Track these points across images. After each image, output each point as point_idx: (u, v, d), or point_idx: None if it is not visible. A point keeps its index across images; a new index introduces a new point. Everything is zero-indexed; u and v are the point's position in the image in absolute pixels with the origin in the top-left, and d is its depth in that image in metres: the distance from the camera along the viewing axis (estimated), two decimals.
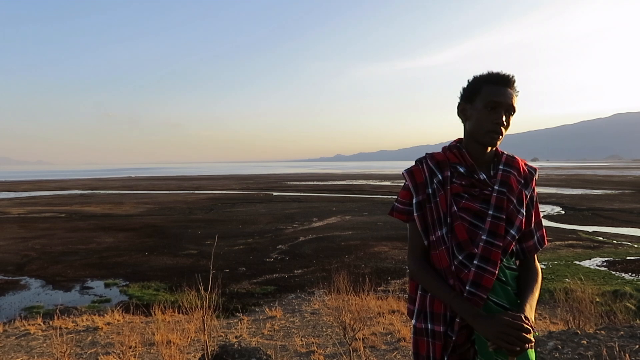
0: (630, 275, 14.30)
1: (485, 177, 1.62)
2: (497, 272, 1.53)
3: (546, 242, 1.74)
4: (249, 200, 42.41)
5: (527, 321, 1.41)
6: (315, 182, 73.59)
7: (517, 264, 1.69)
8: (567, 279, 13.47)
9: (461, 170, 1.63)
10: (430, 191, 1.64)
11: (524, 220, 1.61)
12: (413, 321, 1.68)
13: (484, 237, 1.55)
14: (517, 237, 1.60)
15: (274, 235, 22.19)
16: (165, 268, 15.97)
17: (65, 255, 18.24)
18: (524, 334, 1.37)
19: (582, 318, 6.65)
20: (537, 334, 1.43)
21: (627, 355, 3.89)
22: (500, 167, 1.65)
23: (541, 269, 1.70)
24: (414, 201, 1.66)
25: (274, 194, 50.97)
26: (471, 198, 1.60)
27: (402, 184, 1.73)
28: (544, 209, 33.26)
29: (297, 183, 72.29)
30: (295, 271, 15.40)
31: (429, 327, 1.61)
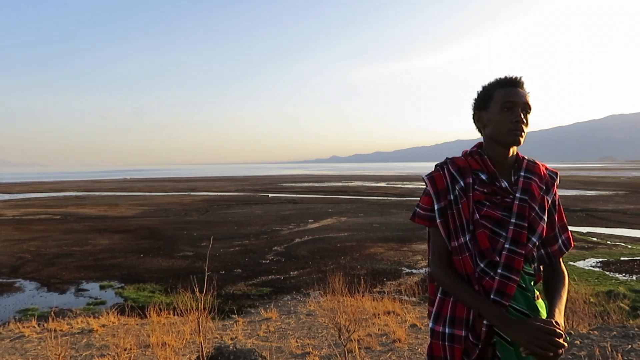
0: (624, 276, 14.38)
1: (506, 184, 1.63)
2: (518, 279, 1.55)
3: (572, 244, 1.75)
4: (244, 202, 42.36)
5: (558, 326, 1.42)
6: (311, 184, 73.55)
7: (538, 268, 1.69)
8: None
9: (483, 177, 1.64)
10: (452, 197, 1.65)
11: (545, 226, 1.63)
12: (430, 324, 1.68)
13: (507, 246, 1.56)
14: (537, 244, 1.62)
15: (269, 237, 22.18)
16: (161, 270, 15.94)
17: (60, 257, 18.17)
18: (557, 339, 1.37)
19: (576, 318, 6.70)
20: (568, 338, 1.45)
21: (619, 355, 3.93)
22: (522, 173, 1.66)
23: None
24: (436, 207, 1.66)
25: (270, 195, 50.91)
26: (492, 206, 1.61)
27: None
28: None
29: (293, 184, 72.23)
30: (291, 272, 15.40)
31: (448, 331, 1.61)
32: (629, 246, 19.26)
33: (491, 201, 1.61)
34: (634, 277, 14.16)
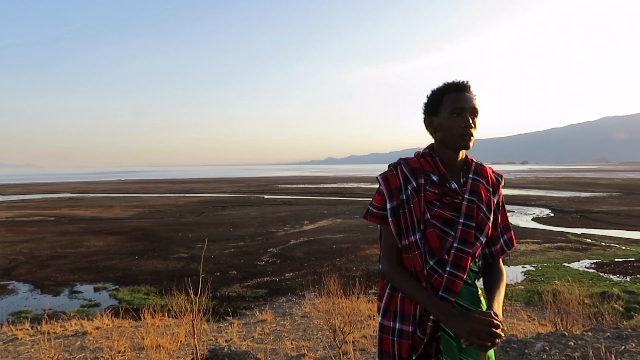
0: (618, 277, 14.45)
1: (456, 185, 1.69)
2: (465, 276, 1.62)
3: (515, 244, 1.82)
4: (240, 203, 42.31)
5: (496, 317, 1.50)
6: (306, 185, 73.57)
7: (481, 266, 1.78)
8: (555, 281, 13.57)
9: (434, 178, 1.69)
10: (404, 197, 1.70)
11: (491, 226, 1.70)
12: (380, 319, 1.74)
13: (455, 245, 1.63)
14: (484, 243, 1.70)
15: (265, 239, 22.15)
16: (155, 272, 15.88)
17: (54, 259, 18.07)
18: (494, 329, 1.46)
19: (570, 319, 6.71)
20: (505, 329, 1.53)
21: (613, 356, 3.94)
22: (470, 175, 1.72)
23: (530, 271, 1.79)
24: (388, 206, 1.71)
25: (265, 196, 50.88)
26: (442, 206, 1.66)
27: (377, 188, 1.79)
28: (533, 211, 33.53)
29: (288, 186, 72.23)
30: (286, 274, 15.38)
31: (397, 326, 1.67)
32: (623, 247, 19.34)
33: (441, 202, 1.67)
34: (628, 278, 14.24)
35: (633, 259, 16.91)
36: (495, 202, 1.75)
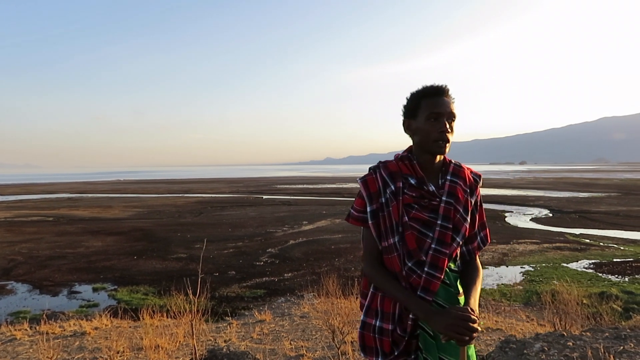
0: (617, 277, 14.47)
1: (434, 188, 1.73)
2: (442, 276, 1.66)
3: (489, 241, 1.86)
4: (238, 204, 42.29)
5: (473, 312, 1.55)
6: (305, 186, 73.57)
7: (461, 264, 1.80)
8: (554, 281, 13.58)
9: (412, 181, 1.73)
10: (383, 200, 1.74)
11: (468, 226, 1.74)
12: (362, 316, 1.79)
13: (433, 246, 1.67)
14: (461, 243, 1.74)
15: (263, 239, 22.14)
16: (154, 272, 15.87)
17: (53, 259, 18.05)
18: (471, 324, 1.50)
19: (569, 320, 6.72)
20: (482, 322, 1.59)
21: (611, 356, 3.95)
22: (448, 177, 1.76)
23: (528, 271, 1.82)
24: (368, 210, 1.76)
25: (264, 197, 50.87)
26: (420, 208, 1.71)
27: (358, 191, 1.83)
28: (532, 211, 33.58)
29: (287, 186, 72.22)
30: (285, 275, 15.38)
31: (377, 324, 1.72)
32: (622, 248, 19.37)
33: (419, 204, 1.71)
34: (627, 279, 14.26)
35: (631, 259, 16.93)
36: (473, 202, 1.79)
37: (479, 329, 1.54)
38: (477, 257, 1.83)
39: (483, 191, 1.90)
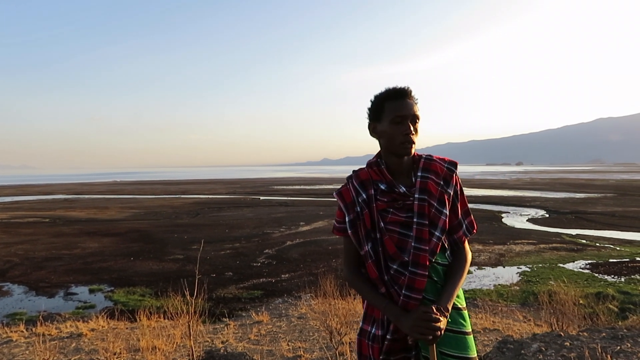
0: (613, 278, 14.51)
1: (405, 189, 1.74)
2: (427, 273, 1.66)
3: (475, 228, 1.85)
4: (235, 205, 42.25)
5: (436, 312, 1.55)
6: (302, 186, 73.54)
7: (450, 255, 1.80)
8: (551, 282, 13.62)
9: (382, 187, 1.75)
10: (358, 209, 1.76)
11: (447, 219, 1.73)
12: (361, 322, 1.82)
13: (413, 244, 1.68)
14: (442, 237, 1.72)
15: (260, 240, 22.12)
16: (151, 273, 15.83)
17: (49, 260, 17.99)
18: (433, 323, 1.52)
19: (566, 320, 6.74)
20: (449, 320, 1.64)
21: (608, 356, 3.96)
22: (419, 174, 1.76)
23: (525, 271, 1.81)
24: (347, 220, 1.78)
25: (261, 198, 50.85)
26: (396, 211, 1.73)
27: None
28: (528, 212, 33.65)
29: (284, 187, 72.19)
30: (282, 275, 15.37)
31: (372, 330, 1.74)
32: (618, 248, 19.43)
33: (394, 207, 1.73)
34: (623, 279, 14.30)
35: (627, 260, 16.99)
36: (453, 192, 1.78)
37: (442, 327, 1.55)
38: (466, 243, 1.82)
39: (479, 192, 1.91)
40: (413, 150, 1.74)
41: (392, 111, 1.71)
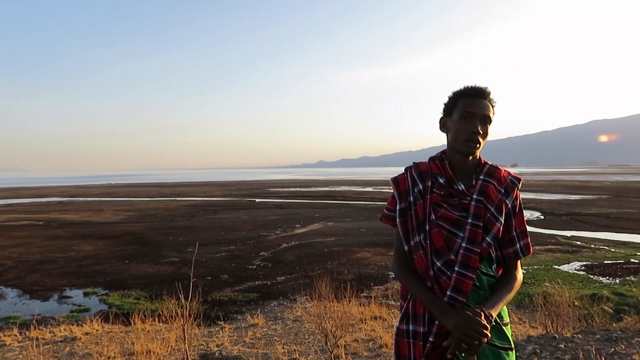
0: (608, 279, 14.56)
1: (464, 187, 1.71)
2: (474, 276, 1.62)
3: (531, 252, 1.79)
4: (231, 207, 42.15)
5: (485, 318, 1.51)
6: (297, 189, 73.48)
7: (497, 270, 1.74)
8: (546, 283, 13.65)
9: (441, 180, 1.73)
10: (411, 199, 1.75)
11: (501, 228, 1.68)
12: (397, 323, 1.77)
13: (463, 245, 1.63)
14: (492, 244, 1.68)
15: (256, 242, 22.07)
16: (146, 276, 15.76)
17: (43, 264, 17.88)
18: (480, 327, 1.47)
19: (561, 322, 6.76)
20: (492, 332, 1.57)
21: (602, 358, 3.97)
22: (481, 177, 1.73)
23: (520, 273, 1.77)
24: (397, 208, 1.77)
25: (257, 200, 50.75)
26: (450, 207, 1.69)
27: (386, 190, 1.80)
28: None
29: (280, 189, 72.14)
30: (278, 278, 15.33)
31: (411, 328, 1.69)
32: (613, 249, 19.51)
33: (448, 203, 1.70)
34: (617, 281, 14.36)
35: (622, 261, 17.06)
36: (511, 205, 1.73)
37: (488, 335, 1.49)
38: (518, 266, 1.77)
39: None
40: (477, 152, 1.71)
41: (462, 107, 1.69)
